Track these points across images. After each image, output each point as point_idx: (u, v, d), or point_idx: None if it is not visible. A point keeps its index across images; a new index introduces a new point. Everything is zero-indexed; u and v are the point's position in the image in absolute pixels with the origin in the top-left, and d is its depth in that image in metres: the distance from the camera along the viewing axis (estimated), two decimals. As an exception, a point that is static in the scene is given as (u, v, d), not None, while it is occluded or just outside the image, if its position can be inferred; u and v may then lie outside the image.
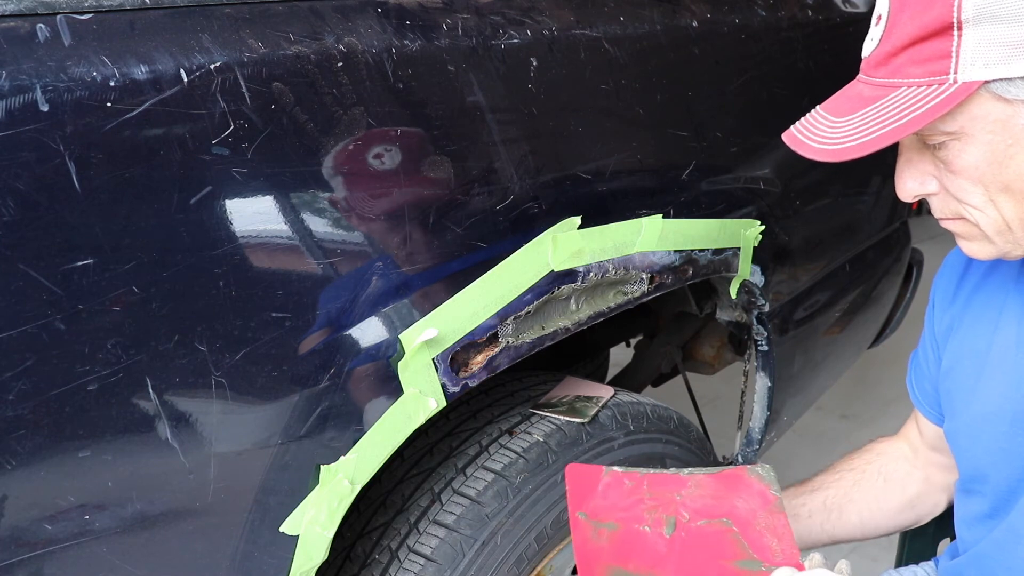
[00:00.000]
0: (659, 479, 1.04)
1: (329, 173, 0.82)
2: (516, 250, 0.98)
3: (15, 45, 0.64)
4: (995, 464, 0.91)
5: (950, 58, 0.72)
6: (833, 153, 0.78)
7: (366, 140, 0.84)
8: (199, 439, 0.76)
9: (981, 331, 0.94)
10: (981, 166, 0.76)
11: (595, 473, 1.04)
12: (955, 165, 0.78)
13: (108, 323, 0.69)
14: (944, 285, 1.03)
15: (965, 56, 0.72)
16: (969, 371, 0.95)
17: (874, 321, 1.96)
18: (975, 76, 0.72)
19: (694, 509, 1.00)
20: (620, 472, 1.04)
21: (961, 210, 0.81)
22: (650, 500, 1.01)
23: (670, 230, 1.16)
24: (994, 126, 0.74)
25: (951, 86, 0.73)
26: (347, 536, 1.09)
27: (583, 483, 1.03)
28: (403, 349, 0.88)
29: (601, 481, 1.03)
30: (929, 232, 4.50)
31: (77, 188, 0.66)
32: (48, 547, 0.70)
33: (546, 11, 1.03)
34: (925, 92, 0.74)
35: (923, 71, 0.74)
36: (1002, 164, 0.75)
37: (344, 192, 0.83)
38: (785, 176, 1.41)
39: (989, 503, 0.94)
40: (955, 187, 0.79)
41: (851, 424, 2.70)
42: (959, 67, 0.72)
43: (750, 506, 0.99)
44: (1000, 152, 0.75)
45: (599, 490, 1.02)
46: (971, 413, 0.94)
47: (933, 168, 0.81)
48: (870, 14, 0.83)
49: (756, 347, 1.45)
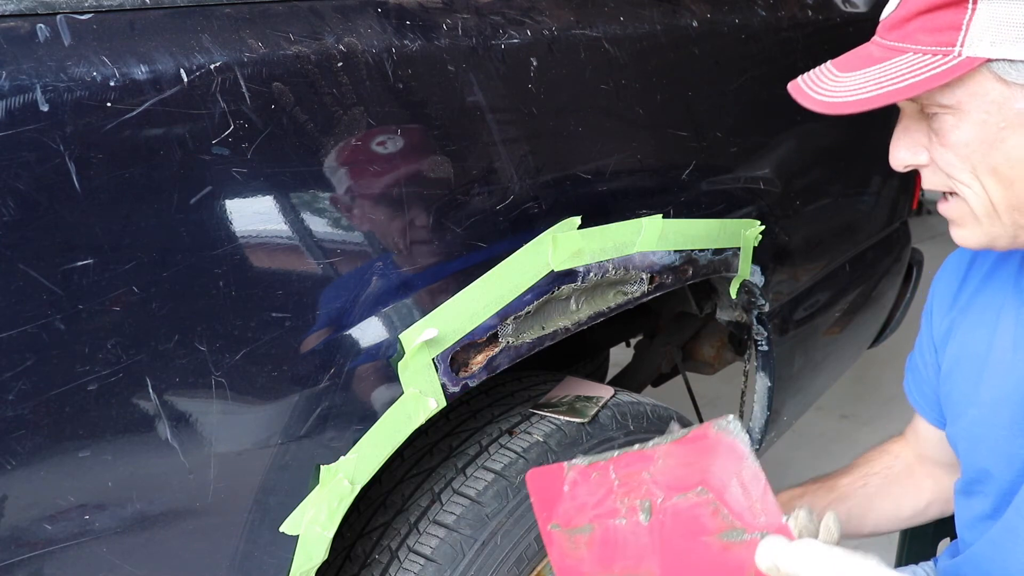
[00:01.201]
0: (625, 460, 0.96)
1: (329, 173, 0.82)
2: (516, 250, 0.98)
3: (15, 45, 0.64)
4: (996, 466, 0.91)
5: (959, 30, 0.73)
6: (828, 105, 0.80)
7: (366, 140, 0.84)
8: (199, 439, 0.76)
9: (980, 334, 0.94)
10: (971, 144, 0.77)
11: (558, 473, 0.99)
12: (947, 139, 0.78)
13: (108, 323, 0.69)
14: (943, 288, 1.03)
15: (974, 30, 0.72)
16: (968, 374, 0.95)
17: (874, 321, 1.96)
18: (980, 52, 0.72)
19: (667, 485, 0.93)
20: (584, 465, 0.98)
21: (951, 184, 0.81)
22: (620, 487, 0.95)
23: (670, 230, 1.16)
24: (990, 106, 0.75)
25: (954, 58, 0.73)
26: (347, 536, 1.09)
27: (547, 489, 0.99)
28: (403, 349, 0.88)
29: (566, 480, 0.98)
30: (929, 232, 4.50)
31: (77, 188, 0.66)
32: (48, 547, 0.70)
33: (546, 11, 1.03)
34: (929, 60, 0.75)
35: (931, 40, 0.75)
36: (992, 146, 0.76)
37: (344, 192, 0.83)
38: (785, 176, 1.41)
39: (991, 504, 0.94)
40: (944, 161, 0.80)
41: (851, 424, 2.70)
42: (966, 40, 0.73)
43: (723, 466, 0.90)
44: (991, 134, 0.76)
45: (566, 492, 0.98)
46: (971, 416, 0.94)
47: (926, 139, 0.82)
48: (870, 14, 0.83)
49: (756, 347, 1.45)
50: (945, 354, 1.00)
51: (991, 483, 0.93)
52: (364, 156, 0.84)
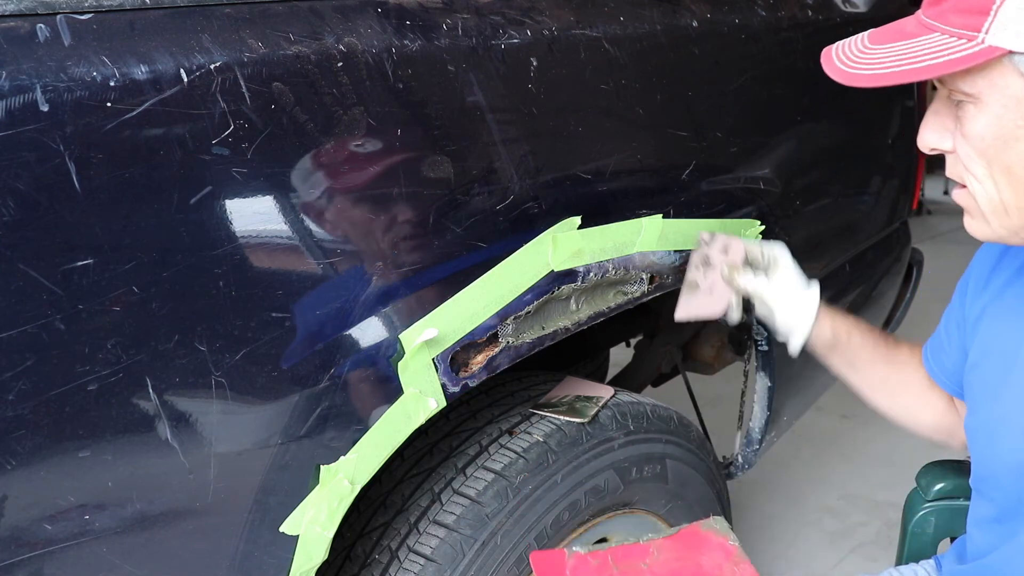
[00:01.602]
0: (622, 552, 1.07)
1: (329, 173, 0.82)
2: (516, 250, 0.98)
3: (15, 45, 0.64)
4: (1008, 472, 0.89)
5: (987, 16, 0.71)
6: (846, 75, 0.79)
7: (366, 140, 0.84)
8: (199, 439, 0.76)
9: (1009, 330, 0.91)
10: (987, 138, 0.76)
11: (559, 558, 1.06)
12: (966, 128, 0.77)
13: (108, 323, 0.69)
14: (980, 268, 1.00)
15: (1001, 19, 0.71)
16: (994, 370, 0.93)
17: (874, 321, 1.96)
18: (1003, 43, 0.71)
19: (663, 575, 1.04)
20: (583, 553, 1.07)
21: (965, 177, 0.80)
22: (619, 575, 1.05)
23: (670, 230, 1.16)
24: (1009, 100, 0.73)
25: (977, 45, 0.72)
26: (347, 536, 1.09)
27: (550, 570, 1.05)
28: (403, 349, 0.88)
29: (567, 565, 1.05)
30: (929, 232, 4.50)
31: (77, 188, 0.66)
32: (48, 547, 0.70)
33: (546, 11, 1.03)
34: (953, 44, 0.73)
35: (960, 22, 0.73)
36: (1007, 143, 0.75)
37: (344, 192, 0.83)
38: (785, 176, 1.41)
39: (998, 508, 0.93)
40: (963, 152, 0.79)
41: (851, 424, 2.70)
42: (992, 28, 0.71)
43: (714, 560, 1.04)
44: (1008, 130, 0.74)
45: (567, 574, 1.05)
46: (992, 415, 0.92)
47: (953, 125, 0.80)
48: (870, 14, 0.83)
49: (756, 347, 1.45)
50: (974, 342, 0.97)
51: (1000, 488, 0.92)
52: (364, 156, 0.84)
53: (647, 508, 1.30)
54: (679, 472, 1.32)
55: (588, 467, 1.16)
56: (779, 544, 2.15)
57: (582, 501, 1.15)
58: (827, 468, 2.48)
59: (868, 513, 2.26)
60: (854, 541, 2.16)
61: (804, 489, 2.38)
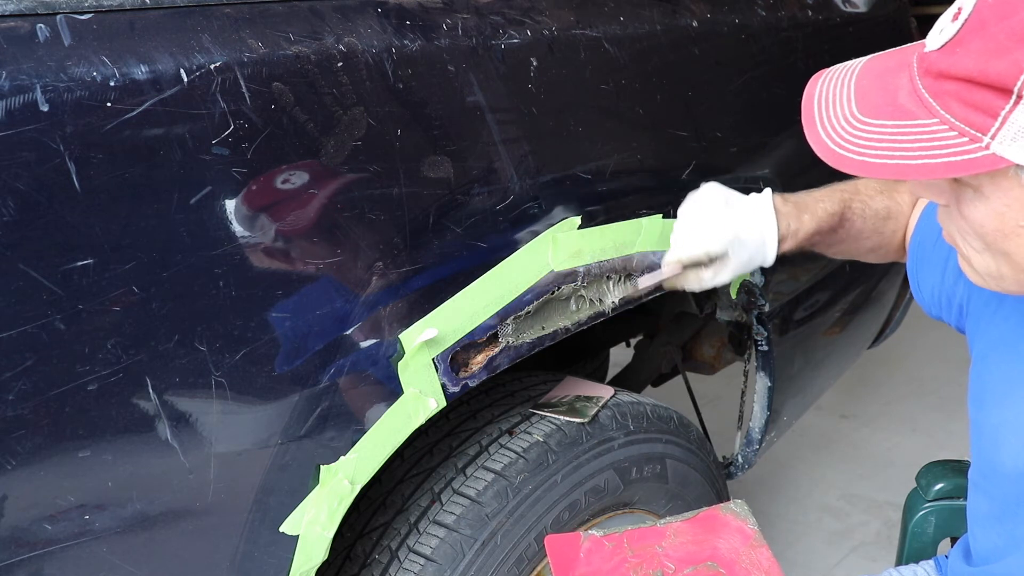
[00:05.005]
0: (638, 534, 1.06)
1: (329, 173, 0.82)
2: (516, 250, 0.98)
3: (15, 45, 0.64)
4: (1009, 476, 0.89)
5: (995, 120, 0.65)
6: (837, 157, 0.73)
7: (366, 140, 0.84)
8: (199, 439, 0.76)
9: (1017, 328, 0.89)
10: (987, 226, 0.72)
11: (574, 541, 1.06)
12: (964, 210, 0.73)
13: (108, 323, 0.69)
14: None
15: (1008, 129, 0.64)
16: (1002, 368, 0.90)
17: (874, 321, 1.96)
18: (1008, 154, 0.65)
19: (678, 558, 1.03)
20: (599, 536, 1.06)
21: (959, 241, 0.77)
22: (633, 558, 1.03)
23: (670, 230, 1.16)
24: (1012, 201, 0.69)
25: (980, 150, 0.66)
26: (347, 536, 1.09)
27: (564, 553, 1.04)
28: (403, 349, 0.88)
29: (582, 547, 1.05)
30: (929, 232, 4.48)
31: (77, 188, 0.66)
32: (48, 547, 0.70)
33: (546, 11, 1.03)
34: (953, 141, 0.67)
35: (964, 116, 0.66)
36: (1007, 236, 0.71)
37: (344, 192, 0.83)
38: (785, 176, 1.41)
39: (998, 507, 0.93)
40: (958, 225, 0.76)
41: (851, 424, 2.70)
42: (998, 135, 0.65)
43: (731, 545, 1.03)
44: (1009, 226, 0.70)
45: (581, 557, 1.04)
46: (999, 417, 0.90)
47: (950, 193, 0.75)
48: (870, 14, 0.81)
49: (756, 347, 1.45)
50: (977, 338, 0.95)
51: (999, 487, 0.92)
52: (364, 156, 0.84)
53: (647, 508, 1.30)
54: (679, 472, 1.32)
55: (588, 467, 1.16)
56: (779, 544, 2.15)
57: (582, 501, 1.15)
58: (827, 468, 2.48)
59: (868, 513, 2.26)
60: (854, 541, 2.16)
61: (804, 489, 2.38)
